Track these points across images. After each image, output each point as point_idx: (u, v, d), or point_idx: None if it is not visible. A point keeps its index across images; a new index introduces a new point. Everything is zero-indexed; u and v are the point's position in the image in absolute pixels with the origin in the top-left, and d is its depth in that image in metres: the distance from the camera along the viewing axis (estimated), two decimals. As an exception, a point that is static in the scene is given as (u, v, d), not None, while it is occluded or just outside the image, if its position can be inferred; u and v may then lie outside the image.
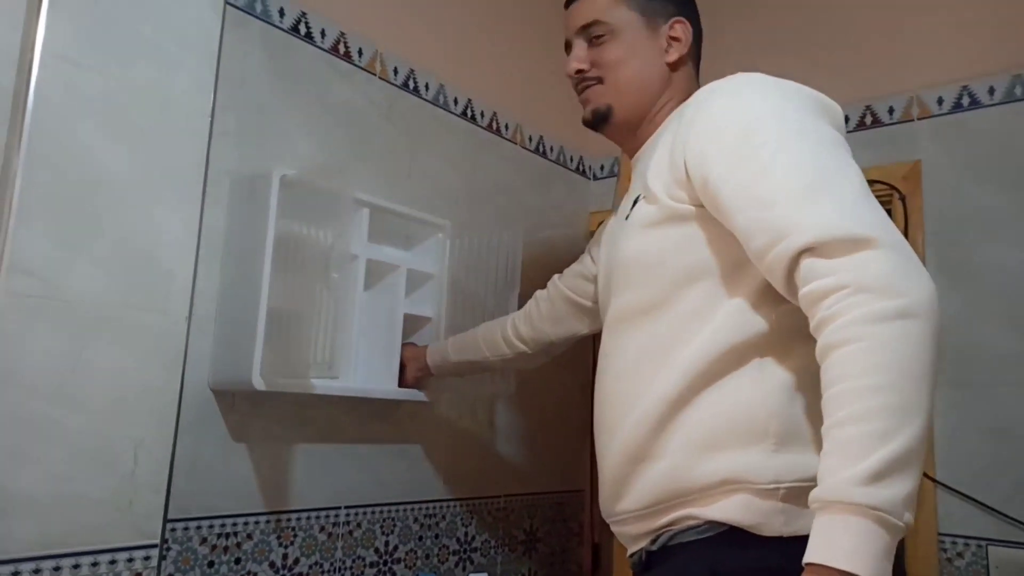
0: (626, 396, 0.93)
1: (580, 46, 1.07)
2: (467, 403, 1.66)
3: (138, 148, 1.11)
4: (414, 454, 1.53)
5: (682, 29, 1.06)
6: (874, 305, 0.69)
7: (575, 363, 1.94)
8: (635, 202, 0.97)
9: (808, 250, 0.73)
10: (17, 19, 1.00)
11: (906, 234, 1.60)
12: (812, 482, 0.81)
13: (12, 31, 1.00)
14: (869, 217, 0.73)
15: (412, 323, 1.46)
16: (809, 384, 0.84)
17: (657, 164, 0.94)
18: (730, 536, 0.83)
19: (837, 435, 0.68)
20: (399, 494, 1.49)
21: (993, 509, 1.45)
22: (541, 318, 1.35)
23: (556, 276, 1.38)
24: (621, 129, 1.08)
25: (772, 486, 0.81)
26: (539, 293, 1.39)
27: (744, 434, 0.84)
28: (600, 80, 1.06)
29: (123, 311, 1.08)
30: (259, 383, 1.12)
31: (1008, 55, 1.56)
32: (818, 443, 0.83)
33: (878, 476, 0.65)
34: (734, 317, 0.86)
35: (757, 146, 0.81)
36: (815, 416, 0.83)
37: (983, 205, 1.54)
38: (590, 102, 1.08)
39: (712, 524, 0.84)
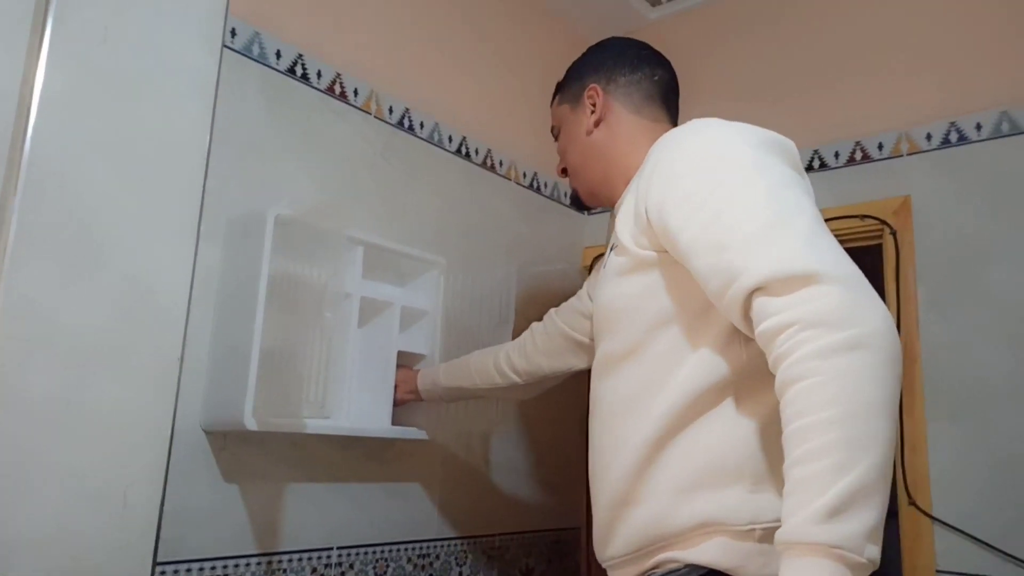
0: (611, 442, 0.95)
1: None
2: (462, 440, 1.65)
3: (134, 188, 1.12)
4: (408, 493, 1.52)
5: (591, 94, 1.12)
6: (824, 339, 0.69)
7: (571, 399, 1.93)
8: (611, 251, 1.01)
9: (758, 289, 0.75)
10: (18, 59, 1.01)
11: (897, 268, 1.61)
12: None
13: (12, 71, 1.01)
14: (817, 253, 0.73)
15: (406, 360, 1.46)
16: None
17: (625, 214, 0.97)
18: None
19: (795, 474, 0.68)
20: (392, 534, 1.47)
21: (991, 546, 1.43)
22: (537, 351, 1.35)
23: (553, 310, 1.39)
24: (595, 202, 1.18)
25: (748, 527, 0.83)
26: (535, 326, 1.39)
27: (721, 475, 0.85)
28: (565, 171, 1.20)
29: (116, 351, 1.08)
30: (251, 423, 1.12)
31: (994, 91, 1.58)
32: None
33: (835, 512, 0.64)
34: (705, 359, 0.88)
35: (711, 191, 0.82)
36: None
37: (973, 238, 1.56)
38: (570, 189, 1.22)
39: (692, 567, 0.85)
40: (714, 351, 0.87)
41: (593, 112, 1.11)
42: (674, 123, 1.13)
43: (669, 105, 1.13)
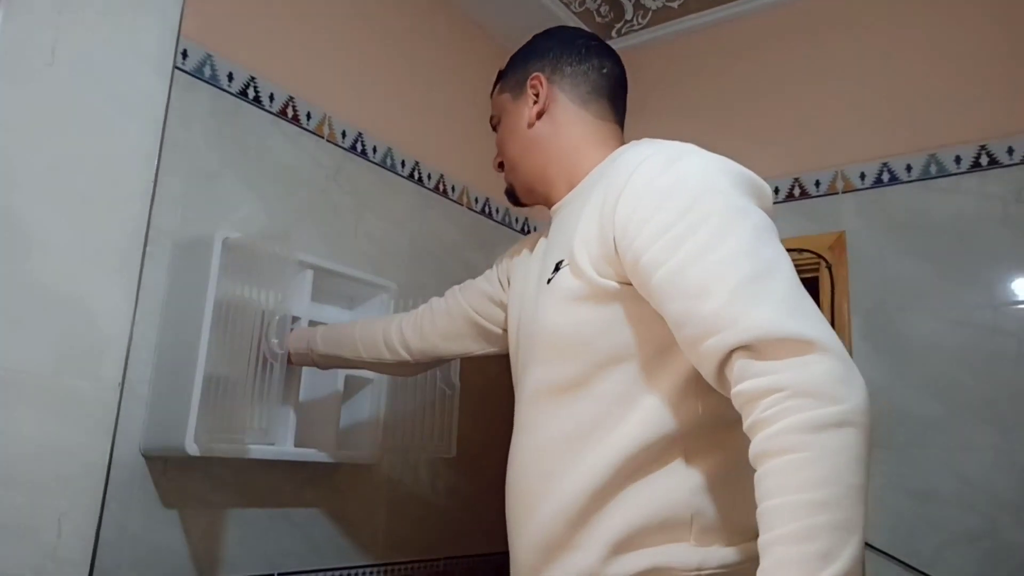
0: (543, 477, 0.90)
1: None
2: (408, 464, 1.65)
3: (76, 214, 1.09)
4: (352, 517, 1.51)
5: (534, 83, 1.04)
6: (813, 412, 0.66)
7: (518, 422, 1.94)
8: (557, 266, 0.93)
9: (743, 348, 0.71)
10: (-45, 82, 0.99)
11: (832, 301, 1.68)
12: (730, 568, 0.82)
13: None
14: (807, 317, 0.71)
15: (353, 384, 1.45)
16: (733, 476, 0.84)
17: (585, 231, 0.89)
18: None
19: (779, 554, 0.65)
20: (335, 559, 1.46)
21: (918, 570, 1.49)
22: (435, 331, 1.23)
23: (457, 288, 1.26)
24: (531, 200, 1.11)
25: (694, 573, 0.81)
26: (435, 302, 1.27)
27: (667, 532, 0.82)
28: (502, 165, 1.12)
29: (52, 379, 1.05)
30: (192, 448, 1.11)
31: (924, 136, 1.67)
32: (738, 534, 0.84)
33: None
34: (658, 408, 0.84)
35: (691, 229, 0.77)
36: (737, 508, 0.83)
37: (903, 275, 1.63)
38: (505, 183, 1.14)
39: None
40: (669, 399, 0.83)
41: (536, 102, 1.03)
42: (621, 123, 1.06)
43: (616, 103, 1.05)
